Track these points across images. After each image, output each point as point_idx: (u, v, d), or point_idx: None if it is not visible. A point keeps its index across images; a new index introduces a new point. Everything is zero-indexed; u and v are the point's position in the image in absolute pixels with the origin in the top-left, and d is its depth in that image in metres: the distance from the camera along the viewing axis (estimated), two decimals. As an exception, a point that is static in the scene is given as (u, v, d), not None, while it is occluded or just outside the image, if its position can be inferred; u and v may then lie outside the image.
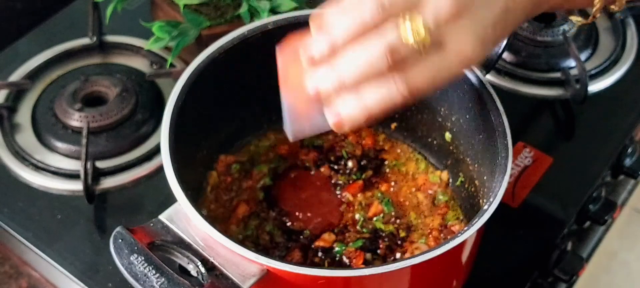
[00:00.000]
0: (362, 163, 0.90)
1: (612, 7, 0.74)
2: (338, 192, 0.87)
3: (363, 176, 0.88)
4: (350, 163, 0.89)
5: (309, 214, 0.84)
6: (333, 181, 0.88)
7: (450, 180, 0.88)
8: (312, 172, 0.89)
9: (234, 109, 0.87)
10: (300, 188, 0.87)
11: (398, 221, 0.84)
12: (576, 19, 0.79)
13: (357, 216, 0.85)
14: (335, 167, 0.89)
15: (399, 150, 0.92)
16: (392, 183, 0.88)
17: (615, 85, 1.06)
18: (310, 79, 0.66)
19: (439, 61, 0.64)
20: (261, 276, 0.65)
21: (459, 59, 0.64)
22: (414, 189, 0.88)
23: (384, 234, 0.83)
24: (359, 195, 0.86)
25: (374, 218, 0.84)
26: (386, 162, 0.90)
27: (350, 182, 0.88)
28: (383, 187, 0.87)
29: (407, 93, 0.63)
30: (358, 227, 0.83)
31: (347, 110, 0.65)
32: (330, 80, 0.64)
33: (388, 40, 0.62)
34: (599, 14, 0.74)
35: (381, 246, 0.82)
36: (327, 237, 0.82)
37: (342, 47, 0.64)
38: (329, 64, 0.64)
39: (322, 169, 0.89)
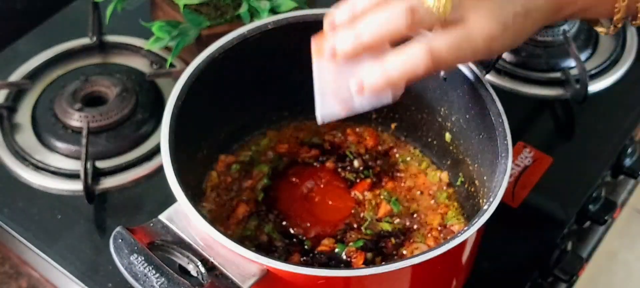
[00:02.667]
0: (368, 162, 0.90)
1: (634, 22, 0.74)
2: (346, 189, 0.87)
3: (370, 174, 0.88)
4: (356, 163, 0.89)
5: (311, 216, 0.84)
6: (342, 176, 0.88)
7: (451, 180, 0.88)
8: (317, 166, 0.89)
9: (234, 109, 0.87)
10: (303, 188, 0.87)
11: (399, 221, 0.84)
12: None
13: (366, 216, 0.84)
14: (340, 165, 0.89)
15: (399, 150, 0.92)
16: (395, 183, 0.88)
17: (615, 85, 1.06)
18: (330, 40, 0.68)
19: (462, 34, 0.65)
20: (261, 276, 0.65)
21: (482, 36, 0.66)
22: (414, 189, 0.88)
23: (384, 234, 0.83)
24: (367, 193, 0.86)
25: (383, 219, 0.84)
26: (388, 162, 0.90)
27: (358, 180, 0.88)
28: (388, 186, 0.87)
29: (430, 60, 0.65)
30: (363, 229, 0.83)
31: (369, 76, 0.67)
32: (348, 38, 0.66)
33: (409, 2, 0.64)
34: (620, 25, 0.74)
35: (381, 246, 0.82)
36: (327, 242, 0.82)
37: (363, 12, 0.66)
38: (349, 26, 0.67)
39: (327, 164, 0.89)
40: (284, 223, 0.83)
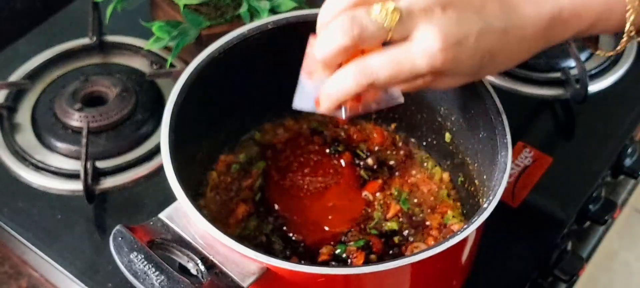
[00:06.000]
0: (380, 160, 0.89)
1: None
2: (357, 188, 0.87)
3: (385, 171, 0.88)
4: (370, 161, 0.89)
5: (313, 222, 0.84)
6: (356, 173, 0.87)
7: (451, 180, 0.88)
8: (319, 165, 0.88)
9: (233, 108, 0.87)
10: (305, 188, 0.86)
11: (402, 220, 0.84)
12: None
13: (374, 215, 0.84)
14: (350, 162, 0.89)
15: (400, 150, 0.92)
16: (399, 182, 0.88)
17: (615, 85, 1.06)
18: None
19: (400, 50, 0.62)
20: (261, 274, 0.65)
21: (423, 52, 0.62)
22: (415, 188, 0.88)
23: (386, 233, 0.83)
24: (378, 194, 0.86)
25: (391, 219, 0.84)
26: (391, 162, 0.90)
27: (370, 178, 0.87)
28: (395, 185, 0.87)
29: (362, 79, 0.64)
30: (368, 229, 0.83)
31: (322, 95, 0.68)
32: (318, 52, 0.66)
33: (355, 14, 0.62)
34: (633, 34, 0.68)
35: (382, 245, 0.82)
36: (325, 251, 0.81)
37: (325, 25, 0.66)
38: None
39: (337, 161, 0.88)
40: (284, 227, 0.83)
